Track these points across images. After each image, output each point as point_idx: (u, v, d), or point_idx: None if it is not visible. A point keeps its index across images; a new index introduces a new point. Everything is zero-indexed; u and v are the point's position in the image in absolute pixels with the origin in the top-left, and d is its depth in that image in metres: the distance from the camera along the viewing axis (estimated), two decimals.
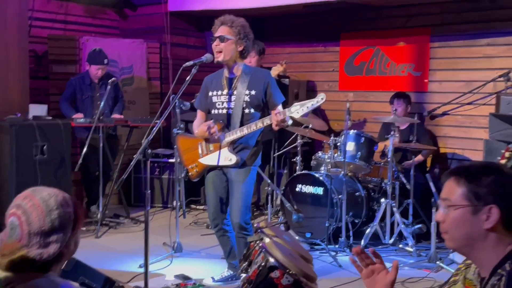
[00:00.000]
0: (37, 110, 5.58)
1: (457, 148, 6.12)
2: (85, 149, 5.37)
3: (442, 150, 6.21)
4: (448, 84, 6.16)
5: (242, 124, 3.81)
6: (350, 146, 5.34)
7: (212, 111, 3.98)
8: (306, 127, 5.66)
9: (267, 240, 2.35)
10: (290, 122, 3.67)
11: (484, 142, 4.87)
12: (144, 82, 7.06)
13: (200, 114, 4.12)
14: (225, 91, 3.90)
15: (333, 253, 4.85)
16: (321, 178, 5.24)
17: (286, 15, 7.29)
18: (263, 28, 7.73)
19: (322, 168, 5.50)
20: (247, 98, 3.82)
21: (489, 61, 5.83)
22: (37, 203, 1.70)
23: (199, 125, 4.06)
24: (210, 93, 3.98)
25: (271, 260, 2.22)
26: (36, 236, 1.67)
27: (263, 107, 3.90)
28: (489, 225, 1.68)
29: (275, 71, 6.10)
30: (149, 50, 7.09)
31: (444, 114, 6.21)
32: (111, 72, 6.27)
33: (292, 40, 7.49)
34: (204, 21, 7.54)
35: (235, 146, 3.86)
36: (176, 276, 4.26)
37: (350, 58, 6.98)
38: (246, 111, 3.83)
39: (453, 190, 1.74)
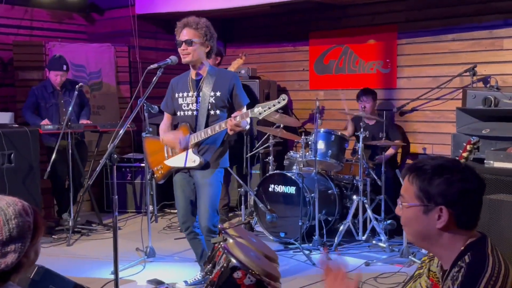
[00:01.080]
0: (3, 117, 5.50)
1: (426, 143, 6.19)
2: (53, 156, 5.29)
3: (412, 146, 6.28)
4: (416, 80, 6.23)
5: (207, 125, 3.78)
6: (321, 145, 5.36)
7: (178, 113, 3.96)
8: (278, 127, 5.67)
9: (230, 241, 2.33)
10: (247, 127, 3.67)
11: (452, 136, 4.93)
12: (113, 87, 6.99)
13: (166, 116, 4.10)
14: (190, 93, 3.87)
15: (307, 252, 4.86)
16: (293, 177, 5.25)
17: (253, 15, 7.29)
18: (232, 30, 7.72)
19: (295, 167, 5.51)
20: (212, 100, 3.80)
21: (455, 56, 5.91)
22: None
23: (166, 128, 4.05)
24: (176, 95, 3.95)
25: (233, 260, 2.21)
26: None
27: (230, 108, 3.88)
28: (441, 225, 1.70)
29: (235, 64, 6.08)
30: (118, 54, 7.01)
31: (413, 110, 6.28)
32: (75, 78, 6.20)
33: (261, 40, 7.50)
34: (173, 23, 7.44)
35: (200, 148, 3.84)
36: (149, 281, 4.23)
37: (319, 57, 7.02)
38: (212, 112, 3.81)
39: (408, 188, 1.76)
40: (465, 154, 3.43)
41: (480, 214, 1.75)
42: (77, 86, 5.53)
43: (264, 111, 3.47)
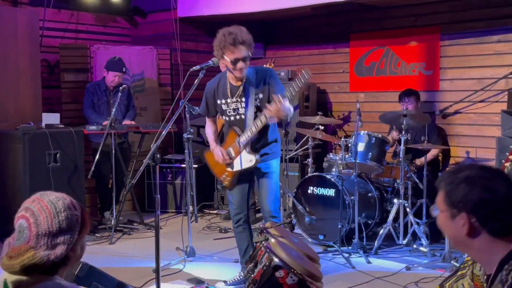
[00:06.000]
0: (50, 118, 5.65)
1: (470, 147, 6.06)
2: (97, 156, 5.41)
3: (455, 149, 6.16)
4: (460, 82, 6.11)
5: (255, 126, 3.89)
6: (361, 147, 5.31)
7: (224, 117, 4.08)
8: (317, 129, 5.66)
9: (272, 240, 2.34)
10: (291, 110, 3.72)
11: (497, 140, 4.83)
12: (155, 89, 7.10)
13: (209, 120, 4.22)
14: (234, 98, 3.95)
15: (346, 255, 4.83)
16: (332, 179, 5.22)
17: (294, 17, 7.29)
18: (272, 32, 7.74)
19: (334, 169, 5.49)
20: (257, 103, 3.90)
21: (500, 58, 5.77)
22: (45, 205, 1.74)
23: (213, 136, 4.18)
24: (218, 101, 4.03)
25: (276, 259, 2.22)
26: (43, 238, 1.70)
27: None
28: (465, 231, 1.68)
29: None
30: (160, 57, 7.13)
31: (456, 112, 6.16)
32: (123, 80, 6.34)
33: (301, 42, 7.49)
34: (214, 26, 7.55)
35: (257, 145, 3.96)
36: (189, 280, 4.28)
37: (360, 59, 6.96)
38: (258, 113, 3.89)
39: (440, 193, 1.77)
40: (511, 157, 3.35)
41: None
42: (120, 88, 5.65)
43: (293, 88, 3.56)
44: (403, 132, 5.10)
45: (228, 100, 3.97)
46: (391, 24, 6.64)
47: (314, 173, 5.54)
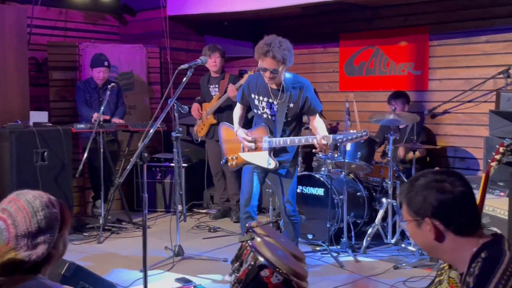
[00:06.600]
0: (38, 116, 5.61)
1: (458, 146, 6.09)
2: (85, 155, 5.38)
3: (443, 149, 6.19)
4: (448, 82, 6.14)
5: (283, 130, 4.12)
6: (350, 146, 5.32)
7: (254, 110, 4.25)
8: (307, 128, 5.65)
9: (257, 239, 2.34)
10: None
11: (485, 139, 4.85)
12: (144, 87, 7.07)
13: (240, 106, 4.38)
14: (268, 99, 4.10)
15: (334, 254, 4.83)
16: (321, 178, 5.22)
17: (284, 17, 7.28)
18: (262, 31, 7.71)
19: (323, 169, 5.49)
20: (287, 111, 4.07)
21: (489, 58, 5.81)
22: (22, 205, 1.71)
23: (239, 119, 4.38)
24: (252, 95, 4.17)
25: (261, 259, 2.22)
26: (23, 238, 1.67)
27: (301, 114, 4.19)
28: (433, 236, 1.73)
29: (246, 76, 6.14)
30: (149, 55, 7.10)
31: (445, 112, 6.19)
32: (112, 78, 6.32)
33: (291, 41, 7.42)
34: (204, 24, 7.55)
35: (281, 150, 4.15)
36: (177, 280, 4.26)
37: (349, 59, 6.97)
38: (286, 119, 4.10)
39: (403, 205, 1.83)
40: (497, 157, 3.38)
41: (478, 217, 1.76)
42: (109, 86, 5.62)
43: (345, 138, 3.86)
44: (392, 132, 5.12)
45: (261, 98, 4.13)
46: (380, 24, 6.65)
47: (303, 172, 5.54)
